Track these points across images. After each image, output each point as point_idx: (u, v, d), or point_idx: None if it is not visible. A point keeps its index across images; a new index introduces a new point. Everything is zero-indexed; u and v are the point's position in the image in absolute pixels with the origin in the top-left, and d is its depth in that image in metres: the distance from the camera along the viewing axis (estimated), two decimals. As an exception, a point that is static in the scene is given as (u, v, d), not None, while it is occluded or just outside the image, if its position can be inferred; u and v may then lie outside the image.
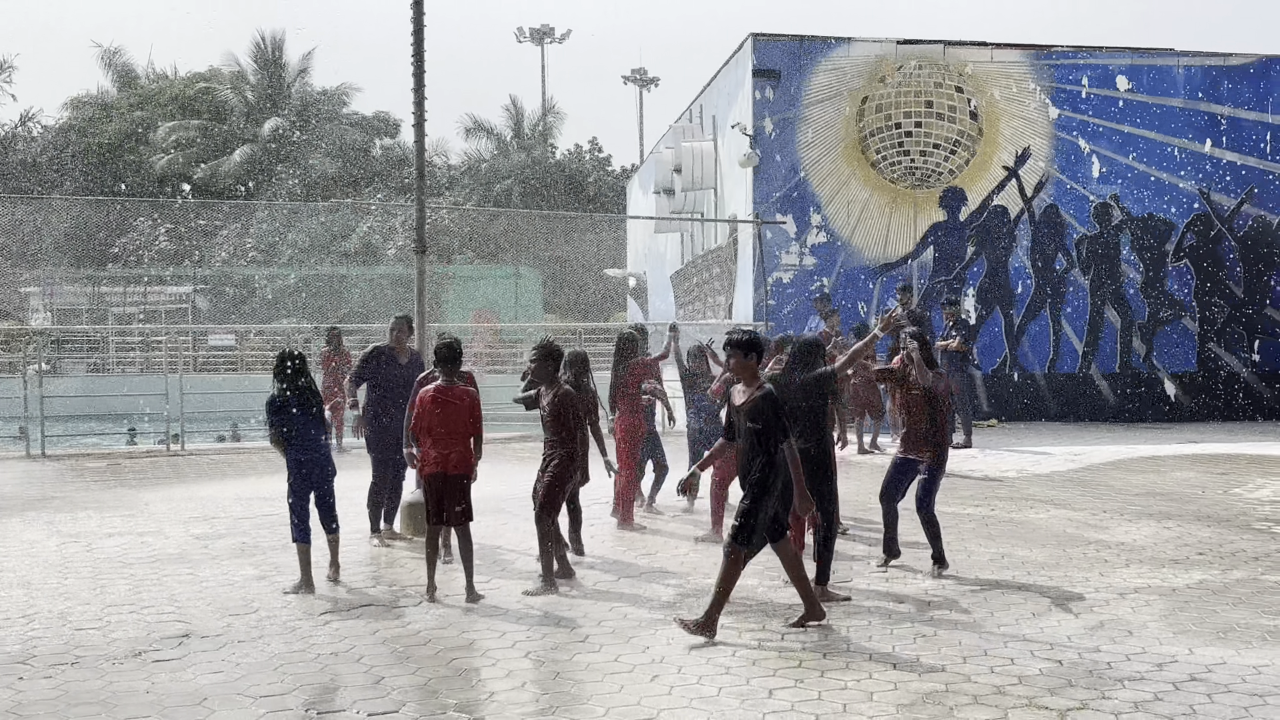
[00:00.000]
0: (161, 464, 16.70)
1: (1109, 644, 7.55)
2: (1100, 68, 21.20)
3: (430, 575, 8.66)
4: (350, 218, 55.47)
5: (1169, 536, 11.08)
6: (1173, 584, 9.19)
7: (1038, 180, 21.05)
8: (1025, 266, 21.05)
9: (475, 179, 63.59)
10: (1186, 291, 21.40)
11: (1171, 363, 21.37)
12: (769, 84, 20.54)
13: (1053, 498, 13.30)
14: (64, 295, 50.61)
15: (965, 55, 20.98)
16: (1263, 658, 7.23)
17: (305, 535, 8.94)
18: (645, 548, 10.71)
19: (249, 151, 57.67)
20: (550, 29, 69.67)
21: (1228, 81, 21.44)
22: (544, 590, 8.66)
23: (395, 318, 11.17)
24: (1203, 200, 21.36)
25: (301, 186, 56.80)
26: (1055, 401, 21.07)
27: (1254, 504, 12.85)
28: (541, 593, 8.61)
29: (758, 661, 7.15)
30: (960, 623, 8.06)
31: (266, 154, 57.53)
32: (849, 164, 20.69)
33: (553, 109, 66.69)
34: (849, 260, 20.69)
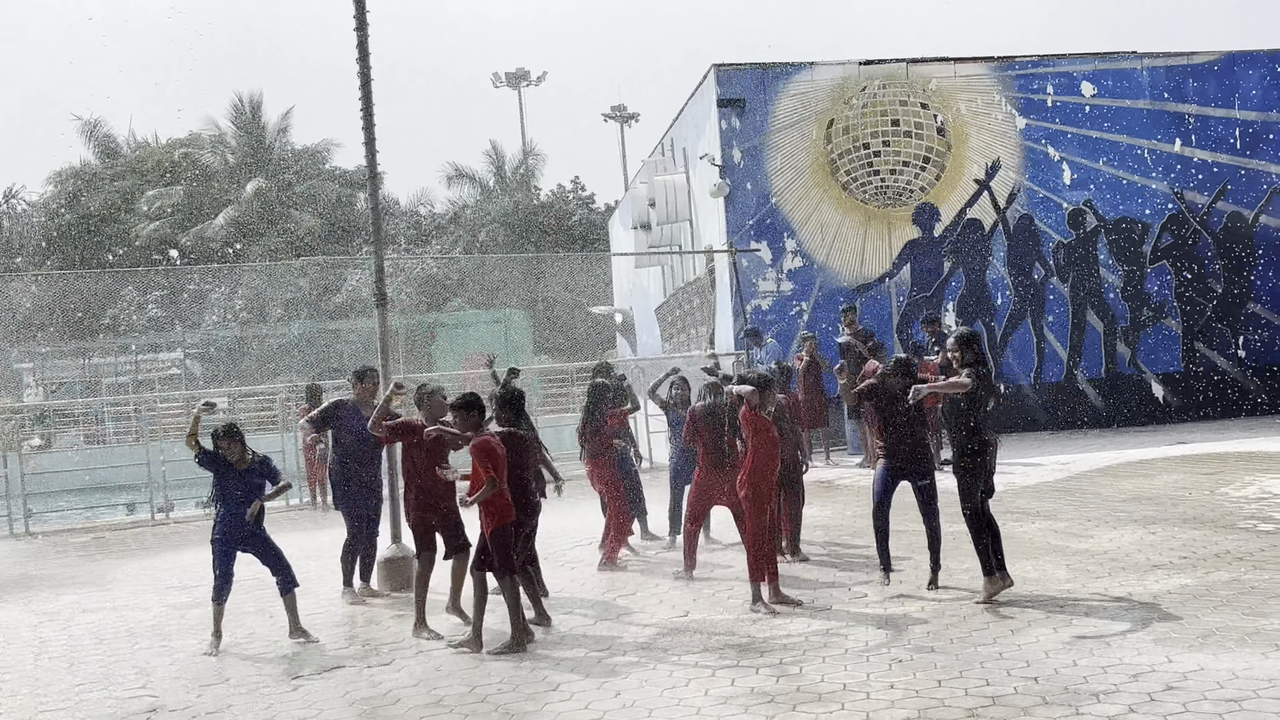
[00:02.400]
0: (146, 534, 16.61)
1: (1086, 657, 7.45)
2: (1064, 75, 21.23)
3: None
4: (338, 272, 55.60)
5: (1153, 541, 10.99)
6: (1153, 590, 9.09)
7: (1010, 191, 21.03)
8: (1003, 278, 21.01)
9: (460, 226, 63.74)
10: (1167, 292, 21.35)
11: (1157, 364, 21.29)
12: (734, 113, 20.55)
13: (1038, 509, 13.21)
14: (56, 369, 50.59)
15: (929, 71, 21.02)
16: (1241, 662, 7.13)
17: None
18: (627, 587, 10.61)
19: (233, 214, 57.80)
20: (526, 72, 70.02)
21: (1193, 80, 21.46)
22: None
23: (356, 371, 11.14)
24: (1176, 199, 21.34)
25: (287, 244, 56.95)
26: (1043, 411, 20.98)
27: (1240, 503, 12.76)
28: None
29: (729, 700, 7.05)
30: (937, 646, 7.96)
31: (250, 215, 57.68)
32: (819, 187, 20.69)
33: (533, 151, 66.89)
34: (826, 283, 20.64)
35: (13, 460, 17.33)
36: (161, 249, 61.57)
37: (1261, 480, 14.11)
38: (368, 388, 10.93)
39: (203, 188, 59.98)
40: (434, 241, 63.50)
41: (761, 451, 9.33)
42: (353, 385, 11.17)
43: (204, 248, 58.50)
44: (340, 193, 61.50)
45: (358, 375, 11.15)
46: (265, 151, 61.45)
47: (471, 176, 64.25)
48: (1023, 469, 16.53)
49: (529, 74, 69.82)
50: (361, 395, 10.91)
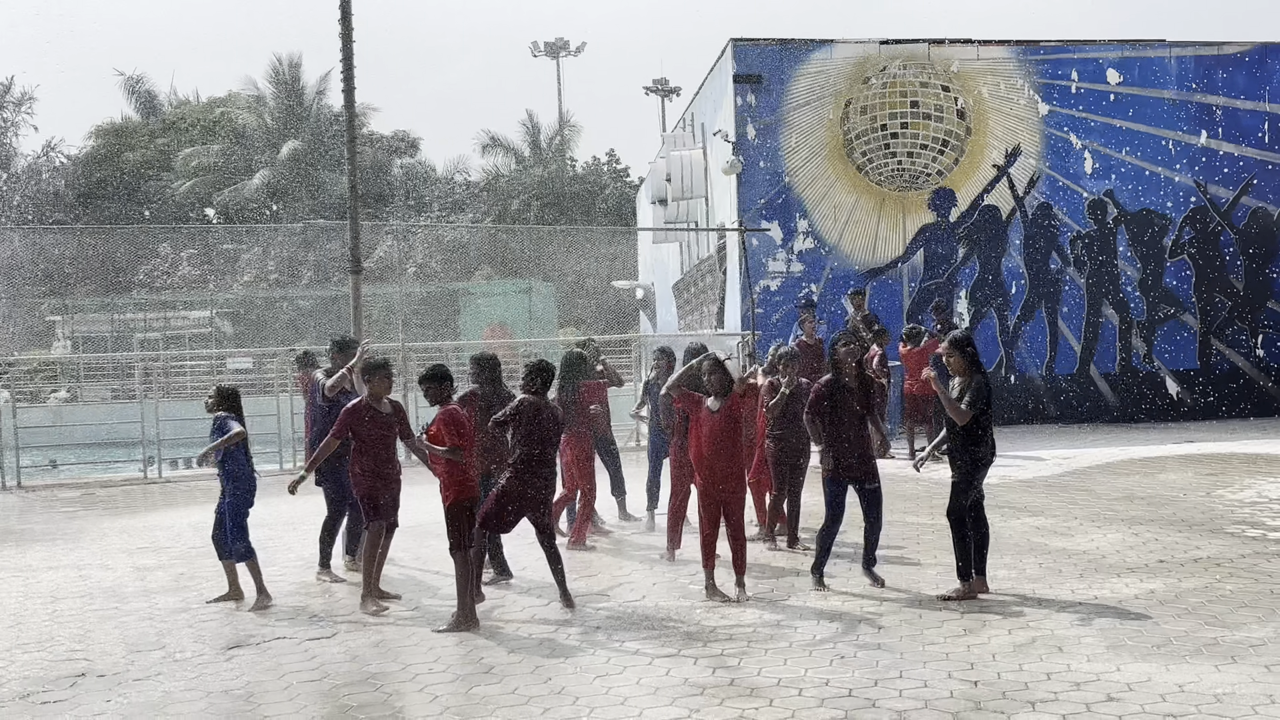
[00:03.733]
0: (135, 492, 16.62)
1: (1034, 662, 7.24)
2: (1090, 61, 20.78)
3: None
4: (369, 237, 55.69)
5: (1135, 543, 10.72)
6: (1121, 594, 8.85)
7: (1029, 178, 20.64)
8: (1019, 267, 20.64)
9: (494, 195, 63.66)
10: (1186, 287, 20.91)
11: (1173, 360, 20.87)
12: (751, 90, 20.26)
13: (1028, 504, 12.95)
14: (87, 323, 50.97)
15: (950, 53, 20.62)
16: (1190, 674, 6.89)
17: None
18: (590, 569, 10.45)
19: (268, 175, 57.92)
20: (565, 42, 69.52)
21: (1222, 71, 20.96)
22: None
23: (334, 341, 10.89)
24: (1200, 193, 20.88)
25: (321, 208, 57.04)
26: (1054, 404, 20.63)
27: (1234, 506, 12.45)
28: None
29: (659, 690, 6.88)
30: (885, 643, 7.76)
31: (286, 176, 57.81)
32: (834, 168, 20.37)
33: (569, 122, 66.64)
34: (837, 266, 20.36)
35: (4, 412, 17.35)
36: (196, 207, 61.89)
37: (1260, 484, 13.78)
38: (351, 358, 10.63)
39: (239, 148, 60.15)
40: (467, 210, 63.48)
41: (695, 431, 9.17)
42: (334, 355, 10.85)
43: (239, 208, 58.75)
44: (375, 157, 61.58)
45: (340, 346, 10.86)
46: (302, 113, 61.51)
47: (506, 145, 64.15)
48: (1022, 462, 16.25)
49: (568, 44, 69.39)
50: (343, 366, 10.59)
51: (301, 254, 56.69)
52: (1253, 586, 8.94)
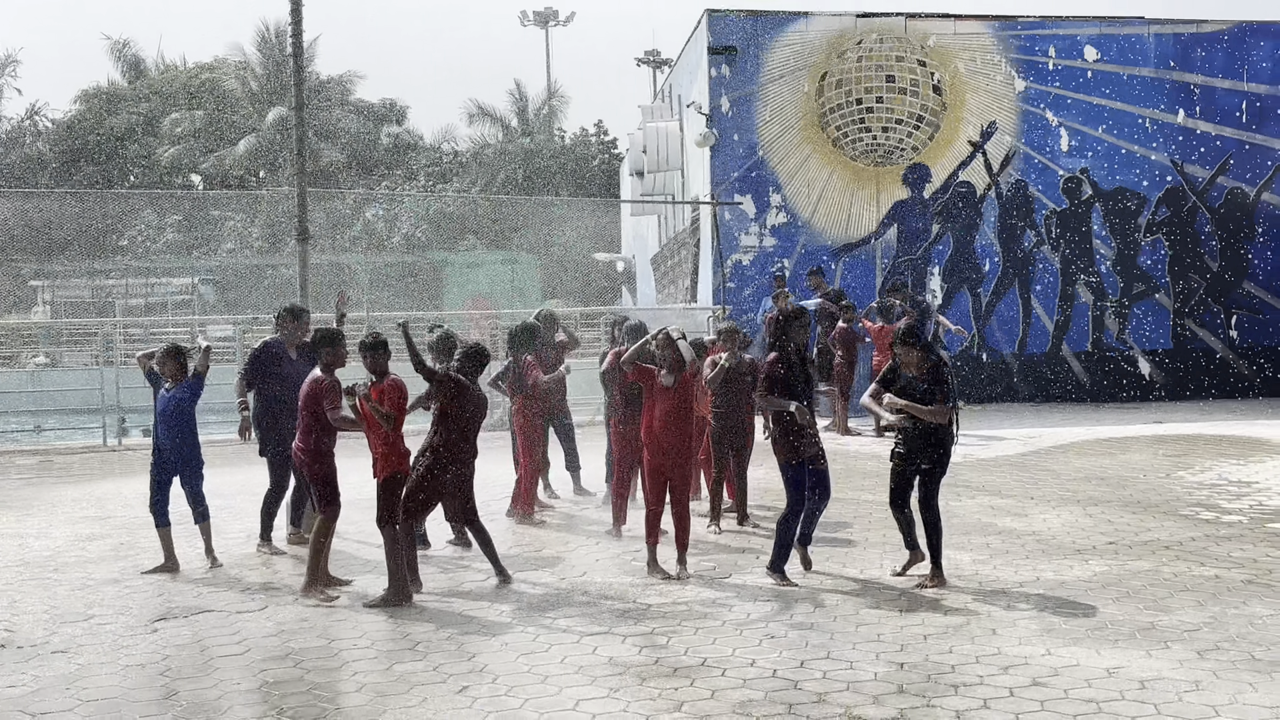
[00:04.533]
0: (94, 460, 16.47)
1: (966, 644, 7.15)
2: (1067, 38, 20.59)
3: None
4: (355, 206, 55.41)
5: (1086, 524, 10.64)
6: (1065, 576, 8.77)
7: (1004, 155, 20.47)
8: (993, 244, 20.50)
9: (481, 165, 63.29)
10: (1160, 267, 20.79)
11: (1146, 340, 20.77)
12: (725, 61, 20.05)
13: (985, 484, 12.87)
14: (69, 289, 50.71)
15: (927, 27, 20.41)
16: (1120, 660, 6.81)
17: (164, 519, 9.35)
18: (536, 544, 10.35)
19: (253, 142, 57.52)
20: (554, 11, 69.15)
21: (1201, 49, 20.78)
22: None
23: (291, 308, 10.64)
24: (1176, 172, 20.73)
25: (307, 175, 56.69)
26: (1026, 382, 20.54)
27: (1193, 488, 12.38)
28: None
29: (582, 669, 6.79)
30: (818, 622, 7.68)
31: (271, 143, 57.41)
32: (809, 142, 20.19)
33: (557, 93, 66.24)
34: (810, 241, 20.20)
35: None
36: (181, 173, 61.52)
37: (1222, 466, 13.71)
38: (302, 327, 10.45)
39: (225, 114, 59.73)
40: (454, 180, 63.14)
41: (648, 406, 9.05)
42: (283, 324, 10.59)
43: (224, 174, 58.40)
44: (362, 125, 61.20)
45: (293, 313, 10.61)
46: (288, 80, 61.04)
47: (493, 115, 63.75)
48: (987, 442, 16.17)
49: (557, 14, 68.99)
50: (293, 335, 10.41)
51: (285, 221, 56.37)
52: (1197, 570, 8.87)
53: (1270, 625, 7.43)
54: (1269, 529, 10.29)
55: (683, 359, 8.95)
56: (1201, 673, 6.58)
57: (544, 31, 69.29)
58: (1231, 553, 9.42)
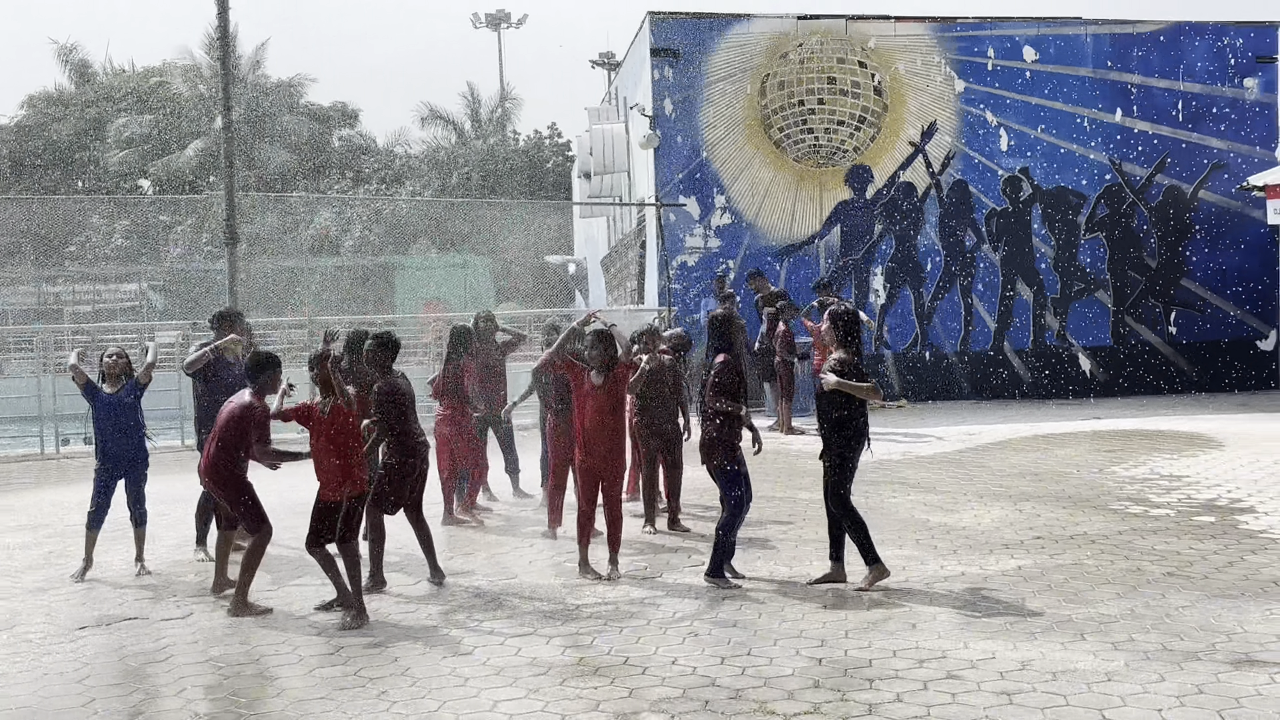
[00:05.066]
0: (33, 468, 16.33)
1: (884, 639, 7.23)
2: (1006, 38, 20.81)
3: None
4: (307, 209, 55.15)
5: (1015, 519, 10.77)
6: (989, 571, 8.87)
7: (945, 155, 20.66)
8: (934, 243, 20.68)
9: (434, 168, 63.10)
10: (1100, 265, 21.04)
11: (1086, 337, 21.02)
12: (668, 63, 20.12)
13: (920, 480, 12.99)
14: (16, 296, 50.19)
15: (868, 29, 20.57)
16: (1035, 652, 6.91)
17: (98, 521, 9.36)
18: (469, 547, 10.36)
19: (202, 146, 57.10)
20: (506, 14, 69.05)
21: (1137, 49, 21.05)
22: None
23: (218, 313, 10.62)
24: (1114, 171, 20.99)
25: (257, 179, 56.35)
26: (968, 380, 20.73)
27: (1124, 482, 12.55)
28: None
29: (503, 671, 6.81)
30: (742, 620, 7.73)
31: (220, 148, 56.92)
32: (752, 143, 20.29)
33: (510, 95, 66.16)
34: (754, 241, 20.31)
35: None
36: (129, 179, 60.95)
37: (1154, 460, 13.90)
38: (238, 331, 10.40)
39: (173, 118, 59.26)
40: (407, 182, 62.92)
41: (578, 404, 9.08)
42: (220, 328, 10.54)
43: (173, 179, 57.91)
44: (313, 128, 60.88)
45: (228, 318, 10.56)
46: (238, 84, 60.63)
47: (446, 118, 63.61)
48: (927, 439, 16.31)
49: (509, 16, 68.90)
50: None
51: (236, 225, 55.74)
52: (1119, 563, 8.99)
53: (1185, 616, 7.56)
54: (1194, 522, 10.45)
55: (614, 355, 8.98)
56: (1114, 664, 6.68)
57: (496, 34, 69.17)
58: (1156, 545, 9.57)
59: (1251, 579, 8.44)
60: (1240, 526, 10.19)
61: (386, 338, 9.01)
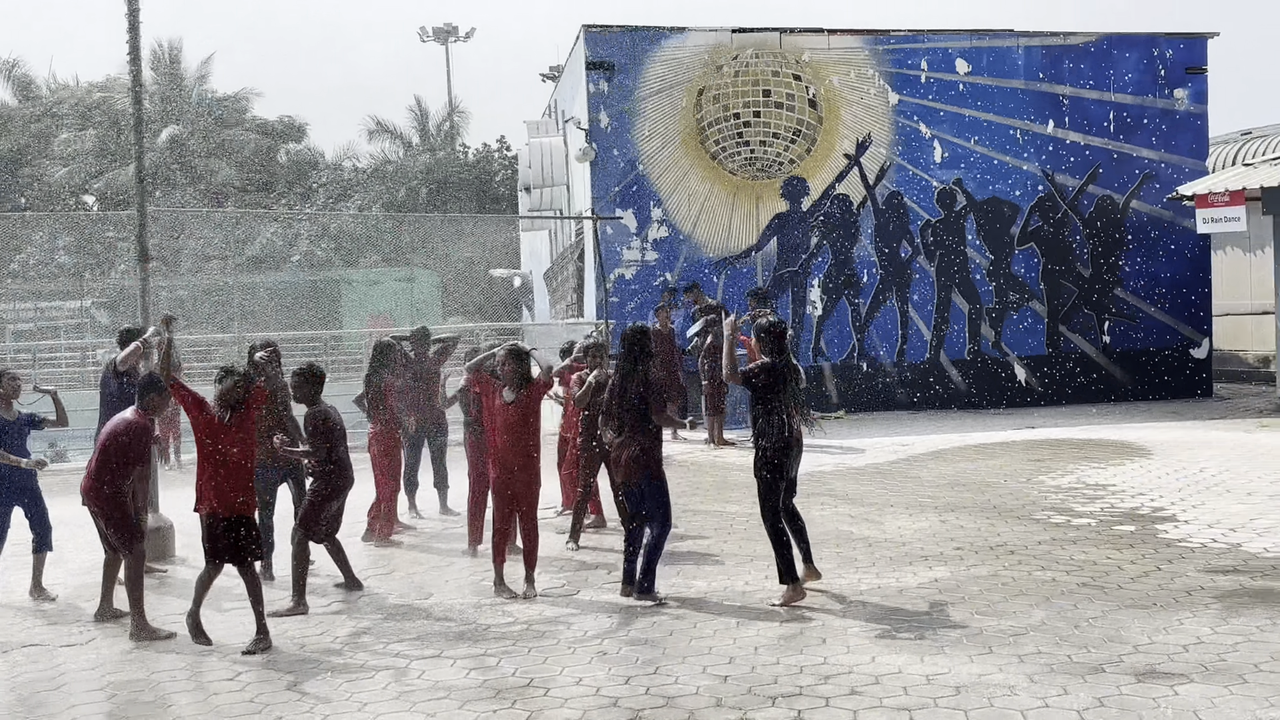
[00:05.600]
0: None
1: (793, 655, 7.20)
2: (939, 50, 20.92)
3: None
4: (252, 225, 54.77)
5: (939, 530, 10.77)
6: (905, 583, 8.86)
7: (880, 167, 20.72)
8: (870, 255, 20.73)
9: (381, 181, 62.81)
10: (1034, 274, 21.17)
11: (1021, 347, 21.12)
12: (604, 76, 20.09)
13: (848, 492, 12.98)
14: (-44, 314, 49.44)
15: (802, 42, 20.61)
16: (942, 666, 6.89)
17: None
18: (388, 565, 10.24)
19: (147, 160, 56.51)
20: (454, 27, 68.85)
21: (1069, 61, 21.21)
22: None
23: (124, 330, 10.52)
24: (1047, 182, 21.12)
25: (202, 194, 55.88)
26: (905, 390, 20.78)
27: (1050, 492, 12.60)
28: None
29: (403, 694, 6.72)
30: (654, 639, 7.67)
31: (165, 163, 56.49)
32: (688, 156, 20.28)
33: (458, 108, 65.98)
34: (692, 254, 20.28)
35: None
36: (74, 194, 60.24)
37: (1082, 469, 13.97)
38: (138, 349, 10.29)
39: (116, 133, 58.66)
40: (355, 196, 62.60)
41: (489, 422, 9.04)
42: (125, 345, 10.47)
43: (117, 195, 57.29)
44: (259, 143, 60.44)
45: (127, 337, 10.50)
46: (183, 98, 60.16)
47: (392, 131, 63.35)
48: (859, 450, 16.32)
49: (457, 29, 68.70)
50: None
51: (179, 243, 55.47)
52: (1036, 574, 9.00)
53: (1095, 627, 7.57)
54: (1114, 531, 10.50)
55: (527, 371, 8.91)
56: (1018, 677, 6.67)
57: (444, 48, 68.96)
58: (1074, 555, 9.59)
59: (1165, 589, 8.48)
60: (1159, 535, 10.24)
61: (309, 371, 8.98)
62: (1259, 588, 8.40)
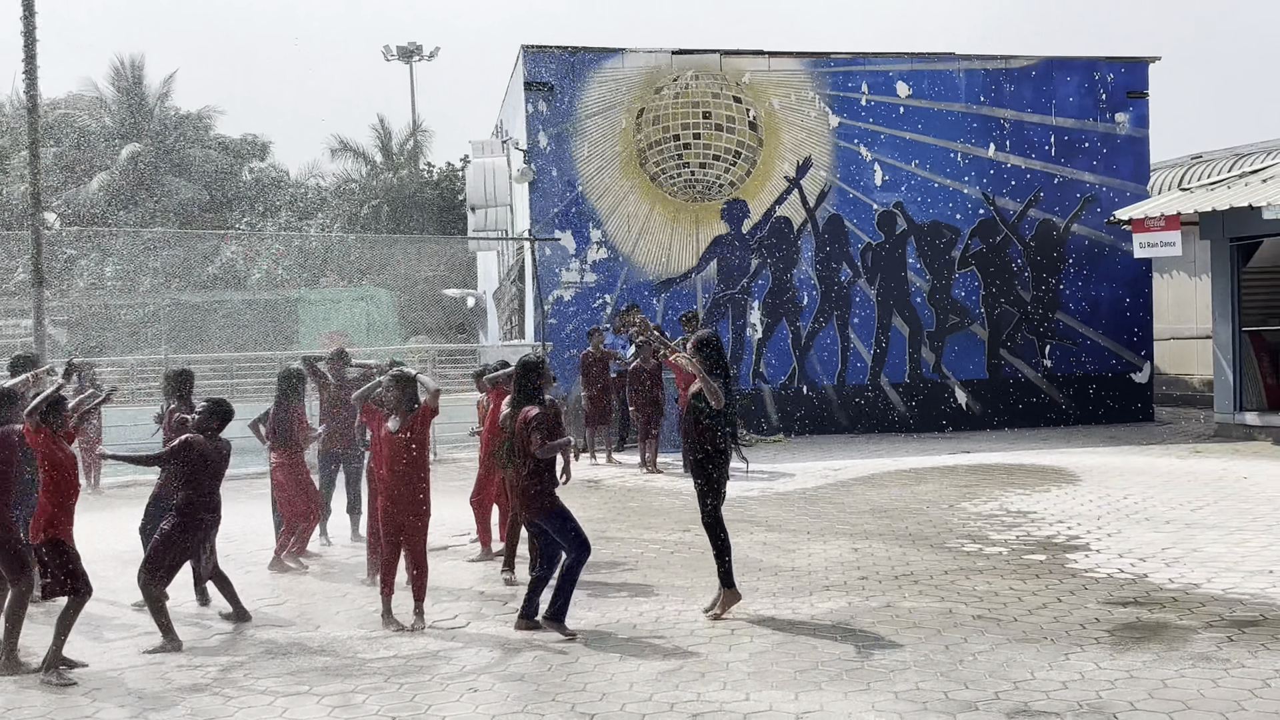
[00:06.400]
0: None
1: (668, 691, 7.04)
2: (880, 74, 20.91)
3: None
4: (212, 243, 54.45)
5: (848, 559, 10.64)
6: (800, 614, 8.72)
7: (820, 190, 20.67)
8: (810, 277, 20.66)
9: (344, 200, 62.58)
10: (974, 298, 21.15)
11: (961, 371, 21.08)
12: (542, 97, 19.98)
13: (768, 518, 12.84)
14: (-86, 331, 48.89)
15: (742, 64, 20.56)
16: (815, 703, 6.75)
17: None
18: (284, 594, 10.03)
19: (107, 179, 56.16)
20: (418, 46, 68.69)
21: (1009, 84, 21.25)
22: None
23: (16, 357, 10.29)
24: (988, 205, 21.12)
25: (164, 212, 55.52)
26: (845, 414, 20.70)
27: (969, 519, 12.49)
28: None
29: (258, 732, 6.51)
30: (530, 674, 7.50)
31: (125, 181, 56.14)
32: (628, 178, 20.18)
33: (421, 127, 65.85)
34: (631, 276, 20.16)
35: None
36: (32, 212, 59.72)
37: (1007, 496, 13.88)
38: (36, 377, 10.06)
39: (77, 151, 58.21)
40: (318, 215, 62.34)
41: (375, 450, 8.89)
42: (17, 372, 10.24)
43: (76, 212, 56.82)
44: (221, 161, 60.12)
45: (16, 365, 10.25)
46: (145, 116, 59.83)
47: (356, 150, 63.15)
48: (789, 475, 16.19)
49: (421, 48, 68.56)
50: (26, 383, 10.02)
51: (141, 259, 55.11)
52: (933, 605, 8.87)
53: (978, 662, 7.44)
54: (1024, 560, 10.39)
55: (412, 397, 8.73)
56: (890, 714, 6.54)
57: (408, 66, 68.82)
58: (977, 586, 9.47)
59: (1060, 621, 8.36)
60: (1067, 565, 10.14)
61: (215, 406, 8.78)
62: (1154, 621, 8.29)
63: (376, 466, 8.83)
